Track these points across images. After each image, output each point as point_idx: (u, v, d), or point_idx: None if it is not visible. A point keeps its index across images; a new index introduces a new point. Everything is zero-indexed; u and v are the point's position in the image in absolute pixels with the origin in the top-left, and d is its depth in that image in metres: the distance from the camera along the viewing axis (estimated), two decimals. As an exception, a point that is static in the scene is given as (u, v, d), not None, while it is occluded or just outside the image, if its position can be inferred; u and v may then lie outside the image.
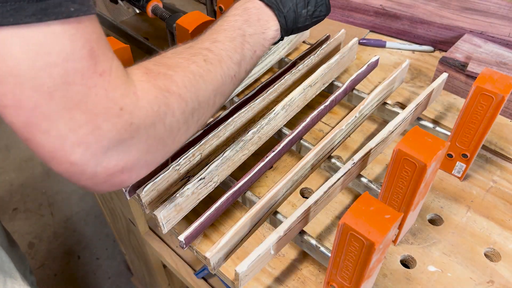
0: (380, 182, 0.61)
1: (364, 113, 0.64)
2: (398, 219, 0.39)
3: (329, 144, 0.59)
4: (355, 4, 0.86)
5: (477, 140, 0.56)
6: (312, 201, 0.51)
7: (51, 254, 1.64)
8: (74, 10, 0.30)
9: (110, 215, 1.09)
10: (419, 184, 0.45)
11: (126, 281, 1.56)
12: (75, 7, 0.30)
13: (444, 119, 0.69)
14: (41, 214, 1.76)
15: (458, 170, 0.61)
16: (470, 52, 0.73)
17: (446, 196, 0.60)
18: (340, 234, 0.40)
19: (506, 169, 0.63)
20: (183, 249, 0.52)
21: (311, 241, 0.52)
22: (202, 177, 0.54)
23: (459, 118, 0.55)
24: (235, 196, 0.55)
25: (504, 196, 0.59)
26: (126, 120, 0.34)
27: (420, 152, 0.44)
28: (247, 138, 0.59)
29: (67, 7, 0.30)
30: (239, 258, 0.54)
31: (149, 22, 0.95)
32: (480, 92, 0.51)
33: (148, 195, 0.53)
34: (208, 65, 0.44)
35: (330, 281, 0.46)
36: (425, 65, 0.79)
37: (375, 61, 0.72)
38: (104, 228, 1.70)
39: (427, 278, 0.52)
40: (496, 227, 0.56)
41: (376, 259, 0.40)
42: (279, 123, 0.64)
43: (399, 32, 0.84)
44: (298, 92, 0.64)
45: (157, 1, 0.72)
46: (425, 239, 0.55)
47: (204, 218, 0.52)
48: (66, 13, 0.30)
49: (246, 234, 0.52)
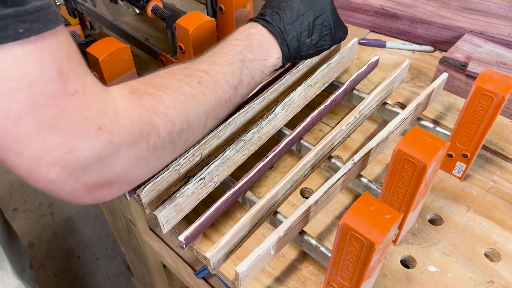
0: (380, 182, 0.61)
1: (364, 113, 0.64)
2: (398, 219, 0.39)
3: (329, 144, 0.59)
4: (355, 4, 0.86)
5: (477, 140, 0.56)
6: (312, 201, 0.51)
7: (51, 254, 1.64)
8: (24, 31, 0.28)
9: (110, 215, 1.09)
10: (419, 184, 0.45)
11: (126, 281, 1.56)
12: (26, 27, 0.28)
13: (444, 119, 0.69)
14: (41, 214, 1.76)
15: (458, 170, 0.61)
16: (470, 52, 0.73)
17: (446, 196, 0.60)
18: (340, 234, 0.40)
19: (506, 169, 0.63)
20: (183, 249, 0.52)
21: (311, 241, 0.52)
22: (202, 177, 0.54)
23: (459, 118, 0.55)
24: (235, 196, 0.55)
25: (504, 196, 0.59)
26: (105, 139, 0.33)
27: (420, 152, 0.44)
28: (247, 138, 0.59)
29: (15, 29, 0.28)
30: (239, 258, 0.54)
31: (149, 22, 0.95)
32: (480, 92, 0.51)
33: (148, 195, 0.53)
34: (202, 87, 0.44)
35: (330, 281, 0.46)
36: (425, 65, 0.79)
37: (375, 61, 0.72)
38: (104, 228, 1.70)
39: (427, 278, 0.52)
40: (496, 227, 0.56)
41: (376, 259, 0.40)
42: (279, 123, 0.64)
43: (399, 32, 0.84)
44: (298, 92, 0.64)
45: (157, 1, 0.72)
46: (425, 239, 0.55)
47: (204, 218, 0.52)
48: (13, 36, 0.28)
49: (246, 234, 0.52)
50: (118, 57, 0.61)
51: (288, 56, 0.53)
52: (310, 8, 0.54)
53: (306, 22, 0.53)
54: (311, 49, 0.55)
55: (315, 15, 0.54)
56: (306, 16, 0.53)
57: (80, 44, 0.65)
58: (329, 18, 0.55)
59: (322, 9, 0.55)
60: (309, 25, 0.54)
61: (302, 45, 0.54)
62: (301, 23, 0.53)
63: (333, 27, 0.56)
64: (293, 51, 0.53)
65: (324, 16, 0.55)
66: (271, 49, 0.52)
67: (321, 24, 0.55)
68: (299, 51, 0.54)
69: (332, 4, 0.56)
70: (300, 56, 0.55)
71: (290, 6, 0.53)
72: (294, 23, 0.53)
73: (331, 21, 0.55)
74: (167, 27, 0.69)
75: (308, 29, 0.54)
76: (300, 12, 0.53)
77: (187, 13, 0.66)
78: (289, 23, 0.52)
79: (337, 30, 0.57)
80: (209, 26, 0.66)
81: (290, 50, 0.53)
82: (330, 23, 0.55)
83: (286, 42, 0.52)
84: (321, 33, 0.55)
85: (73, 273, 1.59)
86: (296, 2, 0.54)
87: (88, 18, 2.20)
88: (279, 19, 0.52)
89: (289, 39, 0.52)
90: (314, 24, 0.54)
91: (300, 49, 0.54)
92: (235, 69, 0.48)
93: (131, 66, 0.64)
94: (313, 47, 0.55)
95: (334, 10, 0.56)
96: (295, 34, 0.53)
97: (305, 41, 0.54)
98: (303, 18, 0.53)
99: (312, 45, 0.55)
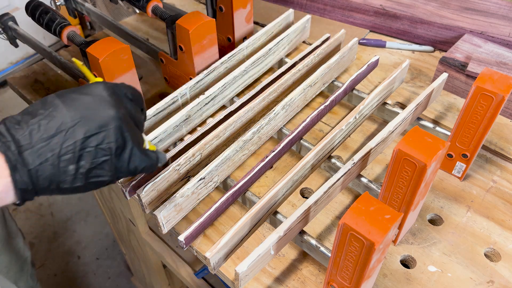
0: (380, 182, 0.61)
1: (364, 113, 0.64)
2: (398, 219, 0.39)
3: (329, 144, 0.59)
4: (355, 4, 0.86)
5: (477, 140, 0.56)
6: (312, 201, 0.51)
7: (51, 254, 1.64)
8: None
9: (110, 215, 1.09)
10: (419, 184, 0.45)
11: (126, 281, 1.56)
12: None
13: (444, 119, 0.69)
14: (41, 214, 1.76)
15: (458, 170, 0.61)
16: (470, 52, 0.73)
17: (446, 196, 0.60)
18: (340, 234, 0.40)
19: (506, 169, 0.63)
20: (183, 249, 0.52)
21: (311, 241, 0.52)
22: (202, 177, 0.54)
23: (459, 118, 0.55)
24: (235, 196, 0.55)
25: (504, 196, 0.59)
26: None
27: (420, 152, 0.44)
28: (247, 138, 0.59)
29: None
30: (239, 258, 0.54)
31: (149, 22, 0.95)
32: (480, 92, 0.51)
33: (148, 195, 0.53)
34: None
35: (330, 281, 0.46)
36: (425, 65, 0.79)
37: (375, 61, 0.72)
38: (104, 228, 1.70)
39: (427, 278, 0.52)
40: (496, 227, 0.56)
41: (376, 259, 0.40)
42: (279, 123, 0.64)
43: (399, 32, 0.84)
44: (298, 92, 0.64)
45: (157, 1, 0.72)
46: (425, 239, 0.55)
47: (204, 218, 0.52)
48: None
49: (246, 234, 0.52)
50: (118, 57, 0.62)
51: (33, 189, 0.38)
52: (80, 121, 0.39)
53: (71, 141, 0.38)
54: (78, 180, 0.39)
55: (88, 133, 0.39)
56: (72, 132, 0.38)
57: (80, 44, 0.65)
58: (111, 139, 0.39)
59: (101, 125, 0.39)
60: (75, 146, 0.38)
61: (61, 174, 0.38)
62: (62, 141, 0.38)
63: (114, 152, 0.40)
64: (44, 181, 0.38)
65: (103, 135, 0.39)
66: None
67: (95, 146, 0.39)
68: (56, 182, 0.39)
69: (118, 120, 0.40)
70: (60, 189, 0.39)
71: (50, 115, 0.38)
72: (50, 140, 0.38)
73: (112, 143, 0.40)
74: (167, 27, 0.69)
75: (74, 151, 0.38)
76: (63, 126, 0.38)
77: (187, 13, 0.66)
78: (42, 139, 0.37)
79: (127, 157, 0.41)
80: (209, 26, 0.66)
81: (38, 180, 0.38)
82: (110, 146, 0.39)
83: (29, 167, 0.37)
84: (94, 159, 0.39)
85: (73, 273, 1.59)
86: (61, 111, 0.39)
87: (88, 18, 2.20)
88: (23, 132, 0.37)
89: (37, 164, 0.37)
90: (85, 145, 0.39)
91: (59, 179, 0.39)
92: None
93: (131, 66, 0.64)
94: (81, 177, 0.39)
95: (120, 128, 0.40)
96: (50, 156, 0.37)
97: (67, 168, 0.38)
98: (67, 134, 0.38)
99: (79, 175, 0.39)
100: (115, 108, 0.40)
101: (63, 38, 0.69)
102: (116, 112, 0.40)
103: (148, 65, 0.83)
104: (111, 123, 0.40)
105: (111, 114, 0.40)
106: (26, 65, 2.36)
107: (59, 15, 0.71)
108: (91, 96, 0.40)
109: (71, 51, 0.88)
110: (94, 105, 0.40)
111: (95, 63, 0.61)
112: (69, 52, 0.88)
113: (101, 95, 0.41)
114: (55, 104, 0.39)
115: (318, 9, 0.90)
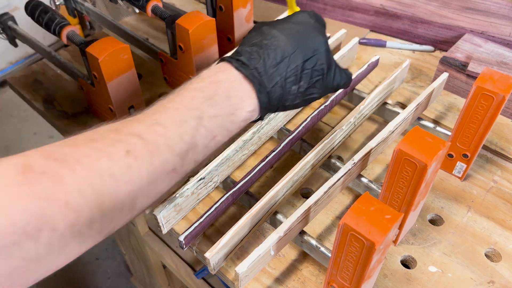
0: (380, 182, 0.61)
1: (364, 113, 0.64)
2: (398, 219, 0.39)
3: (329, 144, 0.59)
4: (355, 3, 0.86)
5: (478, 140, 0.56)
6: (312, 201, 0.51)
7: (51, 254, 1.64)
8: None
9: (110, 215, 1.09)
10: (419, 184, 0.45)
11: (126, 281, 1.56)
12: None
13: (445, 119, 0.69)
14: (41, 214, 1.76)
15: (458, 170, 0.61)
16: (471, 52, 0.73)
17: (447, 196, 0.60)
18: (340, 234, 0.40)
19: (506, 169, 0.62)
20: (183, 249, 0.52)
21: (311, 241, 0.52)
22: (202, 177, 0.54)
23: (460, 118, 0.55)
24: (235, 196, 0.55)
25: (504, 196, 0.59)
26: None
27: (421, 152, 0.44)
28: (247, 138, 0.59)
29: None
30: (239, 258, 0.53)
31: (149, 22, 0.95)
32: (481, 92, 0.51)
33: (148, 195, 0.52)
34: (129, 158, 0.34)
35: (331, 282, 0.46)
36: (425, 64, 0.79)
37: (376, 61, 0.71)
38: (104, 228, 1.70)
39: (428, 278, 0.52)
40: (496, 227, 0.56)
41: (376, 260, 0.40)
42: (279, 123, 0.64)
43: (400, 31, 0.84)
44: (298, 92, 0.64)
45: (157, 0, 0.72)
46: (425, 239, 0.55)
47: (204, 218, 0.52)
48: None
49: (246, 234, 0.52)
50: (117, 57, 0.61)
51: (268, 107, 0.43)
52: (299, 48, 0.43)
53: (293, 66, 0.43)
54: (298, 98, 0.45)
55: (305, 57, 0.44)
56: (294, 57, 0.43)
57: (80, 44, 0.65)
58: (322, 61, 0.45)
59: (314, 50, 0.44)
60: (297, 69, 0.43)
61: (286, 94, 0.44)
62: (287, 66, 0.43)
63: (326, 72, 0.45)
64: (275, 101, 0.43)
65: (316, 58, 0.44)
66: (243, 100, 0.41)
67: (311, 68, 0.44)
68: (282, 101, 0.44)
69: (326, 44, 0.45)
70: (284, 106, 0.45)
71: (274, 45, 0.43)
72: (278, 66, 0.42)
73: (324, 64, 0.45)
74: (167, 27, 0.69)
75: (296, 74, 0.43)
76: (286, 53, 0.43)
77: (187, 13, 0.66)
78: (272, 66, 0.42)
79: (332, 75, 0.46)
80: (209, 26, 0.66)
81: (272, 100, 0.43)
82: (323, 67, 0.45)
83: (267, 89, 0.42)
84: (311, 79, 0.44)
85: (72, 273, 1.59)
86: (282, 40, 0.43)
87: (88, 17, 2.20)
88: (259, 61, 0.42)
89: (270, 86, 0.42)
90: (303, 68, 0.44)
91: (284, 98, 0.44)
92: (187, 130, 0.38)
93: (131, 66, 0.64)
94: (300, 95, 0.45)
95: (328, 51, 0.45)
96: (279, 79, 0.42)
97: (290, 88, 0.43)
98: (290, 60, 0.43)
99: (299, 94, 0.44)
100: (322, 34, 0.46)
101: (63, 38, 0.69)
102: (324, 37, 0.46)
103: (148, 65, 0.83)
104: (322, 47, 0.45)
105: (321, 39, 0.45)
106: (25, 64, 2.36)
107: (58, 15, 0.71)
108: (301, 24, 0.45)
109: (70, 51, 0.88)
110: (306, 33, 0.45)
111: (94, 63, 0.61)
112: (69, 51, 0.88)
113: (309, 22, 0.46)
114: (274, 34, 0.44)
115: (318, 8, 0.90)
